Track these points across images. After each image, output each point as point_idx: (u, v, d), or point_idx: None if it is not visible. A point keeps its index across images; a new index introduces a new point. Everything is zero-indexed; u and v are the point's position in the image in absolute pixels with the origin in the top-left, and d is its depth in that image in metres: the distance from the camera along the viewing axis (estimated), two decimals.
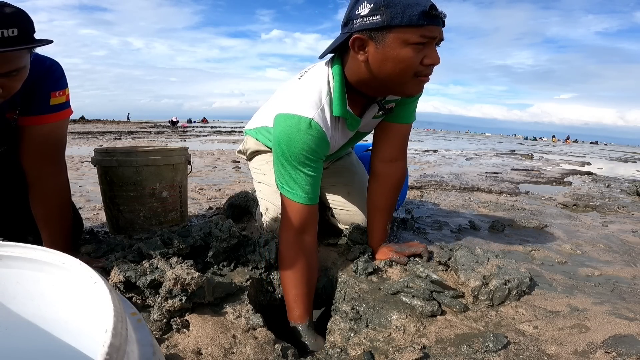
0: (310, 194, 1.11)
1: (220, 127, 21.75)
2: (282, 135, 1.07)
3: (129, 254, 1.20)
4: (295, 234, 1.12)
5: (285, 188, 1.11)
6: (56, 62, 1.19)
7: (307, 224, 1.13)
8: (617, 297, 1.17)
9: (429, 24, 0.97)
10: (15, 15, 0.90)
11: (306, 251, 1.13)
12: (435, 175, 4.29)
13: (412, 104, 1.29)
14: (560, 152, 11.74)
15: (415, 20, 0.96)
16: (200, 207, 2.36)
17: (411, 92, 1.08)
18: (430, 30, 0.98)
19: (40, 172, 1.21)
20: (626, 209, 2.66)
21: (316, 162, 1.11)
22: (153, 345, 0.43)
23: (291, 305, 1.10)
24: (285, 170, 1.09)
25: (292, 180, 1.09)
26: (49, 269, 0.49)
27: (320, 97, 1.10)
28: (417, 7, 0.96)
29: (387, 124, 1.30)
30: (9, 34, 0.88)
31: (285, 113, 1.08)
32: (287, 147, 1.07)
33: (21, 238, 1.27)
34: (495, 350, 0.88)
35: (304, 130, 1.06)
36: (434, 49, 1.01)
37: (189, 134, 13.42)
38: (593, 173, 5.38)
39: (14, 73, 0.96)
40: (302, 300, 1.10)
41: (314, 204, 1.13)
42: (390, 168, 1.33)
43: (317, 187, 1.14)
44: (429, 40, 0.99)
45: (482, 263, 1.19)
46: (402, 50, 0.99)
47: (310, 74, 1.17)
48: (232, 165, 4.67)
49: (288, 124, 1.07)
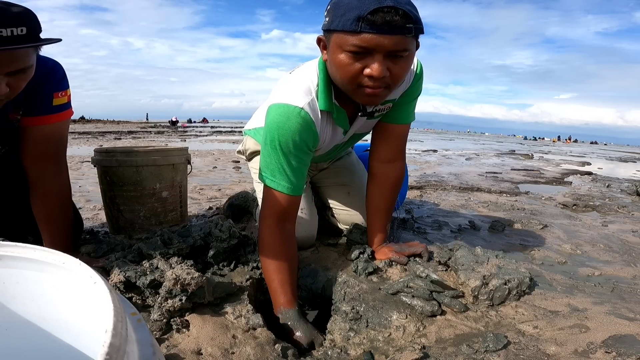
0: (296, 184, 1.10)
1: (220, 127, 21.76)
2: (272, 124, 1.07)
3: (129, 254, 1.20)
4: (278, 222, 1.11)
5: (269, 178, 1.09)
6: (58, 63, 1.19)
7: (289, 212, 1.12)
8: (617, 297, 1.17)
9: (367, 32, 0.88)
10: (24, 14, 0.91)
11: (288, 238, 1.13)
12: (435, 175, 4.29)
13: (410, 104, 1.27)
14: (560, 152, 11.74)
15: (348, 26, 0.88)
16: (200, 207, 2.36)
17: (361, 101, 1.04)
18: (364, 39, 0.89)
19: (41, 172, 1.22)
20: (626, 209, 2.66)
21: (304, 153, 1.10)
22: (153, 345, 0.43)
23: (277, 291, 1.07)
24: (272, 159, 1.08)
25: (278, 170, 1.08)
26: (49, 269, 0.49)
27: (310, 88, 1.09)
28: (355, 11, 0.87)
29: (384, 124, 1.29)
30: (18, 33, 0.88)
31: (276, 103, 1.09)
32: (277, 135, 1.06)
33: (21, 238, 1.27)
34: (495, 350, 0.88)
35: (294, 119, 1.05)
36: (377, 58, 0.91)
37: (189, 134, 13.43)
38: (593, 173, 5.38)
39: (21, 72, 0.96)
40: (288, 285, 1.07)
41: (298, 195, 1.12)
42: (388, 168, 1.33)
43: (303, 179, 1.13)
44: (362, 49, 0.90)
45: (482, 263, 1.19)
46: (339, 56, 0.94)
47: (301, 69, 1.17)
48: (232, 165, 4.67)
49: (279, 113, 1.07)
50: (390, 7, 0.85)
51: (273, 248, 1.10)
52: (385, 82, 0.97)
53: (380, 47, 0.89)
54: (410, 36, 0.90)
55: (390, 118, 1.27)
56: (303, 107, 1.06)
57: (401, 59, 0.94)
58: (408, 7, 0.88)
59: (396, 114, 1.26)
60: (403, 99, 1.24)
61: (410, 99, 1.25)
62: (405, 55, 0.94)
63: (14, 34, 0.88)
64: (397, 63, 0.94)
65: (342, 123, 1.19)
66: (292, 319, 1.03)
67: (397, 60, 0.94)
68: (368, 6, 0.85)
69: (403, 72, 0.98)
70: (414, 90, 1.24)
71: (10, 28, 0.87)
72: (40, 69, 1.09)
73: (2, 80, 0.93)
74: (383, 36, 0.88)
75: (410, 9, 0.88)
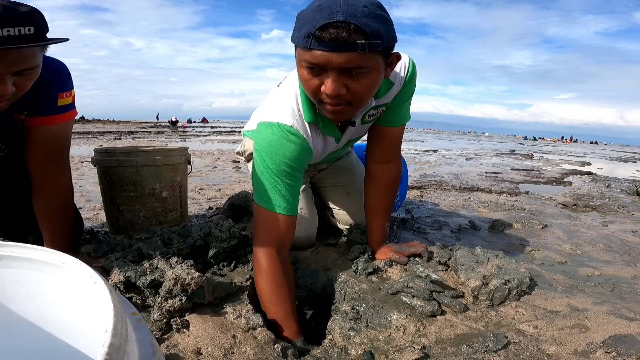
0: (291, 203, 1.07)
1: (220, 127, 21.76)
2: (262, 143, 1.05)
3: (129, 254, 1.20)
4: (277, 248, 1.07)
5: (264, 200, 1.06)
6: (63, 64, 1.19)
7: (287, 235, 1.08)
8: (617, 297, 1.17)
9: (316, 49, 0.83)
10: (31, 14, 0.91)
11: (287, 266, 1.09)
12: (435, 175, 4.29)
13: (402, 107, 1.23)
14: (560, 152, 11.74)
15: (301, 42, 0.85)
16: (200, 207, 2.36)
17: (327, 116, 1.00)
18: (314, 55, 0.84)
19: (44, 172, 1.22)
20: (626, 209, 2.66)
21: (297, 171, 1.08)
22: (153, 345, 0.43)
23: (284, 322, 1.02)
24: (266, 180, 1.05)
25: (273, 190, 1.05)
26: (49, 269, 0.49)
27: (297, 103, 1.07)
28: (307, 26, 0.83)
29: (378, 127, 1.28)
30: (26, 32, 0.88)
31: (265, 121, 1.07)
32: (268, 156, 1.04)
33: (22, 238, 1.27)
34: (495, 350, 0.88)
35: (285, 138, 1.04)
36: (330, 75, 0.87)
37: (189, 134, 13.43)
38: (593, 173, 5.38)
39: (28, 71, 0.96)
40: (293, 316, 1.04)
41: (294, 215, 1.09)
42: (384, 169, 1.32)
43: (297, 197, 1.10)
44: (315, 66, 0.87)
45: (482, 263, 1.19)
46: (301, 70, 0.92)
47: (287, 81, 1.15)
48: (232, 165, 4.67)
49: (269, 132, 1.05)
50: (340, 22, 0.79)
51: (275, 277, 1.04)
52: (345, 99, 0.92)
53: (330, 64, 0.85)
54: (364, 53, 0.83)
55: (384, 121, 1.26)
56: (292, 124, 1.05)
57: (359, 76, 0.88)
58: (365, 20, 0.81)
59: (390, 117, 1.24)
60: (395, 101, 1.21)
61: (403, 101, 1.22)
62: (364, 71, 0.87)
63: (21, 33, 0.88)
64: (356, 80, 0.89)
65: (330, 132, 1.16)
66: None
67: (355, 77, 0.88)
68: (318, 21, 0.81)
69: (365, 90, 0.91)
70: (404, 93, 1.20)
71: (18, 27, 0.87)
72: (45, 69, 1.09)
73: (9, 80, 0.93)
74: (331, 53, 0.83)
75: (367, 22, 0.81)
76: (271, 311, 1.04)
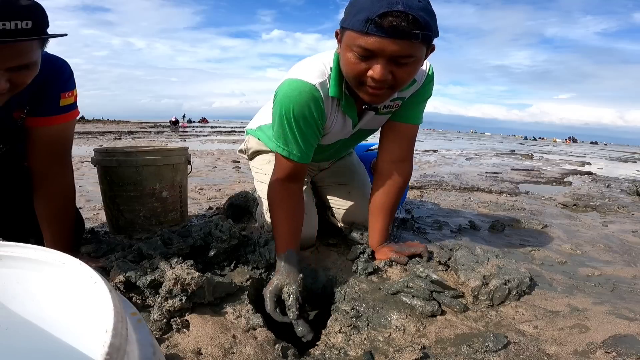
0: (304, 153, 1.16)
1: (220, 127, 21.76)
2: (284, 97, 1.11)
3: (129, 254, 1.20)
4: (284, 182, 1.20)
5: (281, 146, 1.16)
6: (66, 62, 1.16)
7: (296, 175, 1.21)
8: (617, 297, 1.17)
9: (373, 34, 0.89)
10: (31, 7, 0.86)
11: (292, 194, 1.23)
12: (435, 175, 4.29)
13: (419, 105, 1.28)
14: (560, 152, 11.74)
15: (357, 26, 0.90)
16: (200, 207, 2.36)
17: (363, 97, 1.05)
18: (369, 41, 0.90)
19: (47, 173, 1.20)
20: (626, 209, 2.66)
21: (313, 127, 1.14)
22: (153, 345, 0.43)
23: (282, 236, 1.18)
24: (283, 130, 1.13)
25: (290, 139, 1.13)
26: (49, 269, 0.49)
27: (324, 72, 1.12)
28: (366, 12, 0.87)
29: (394, 123, 1.30)
30: (23, 26, 0.84)
31: (290, 78, 1.12)
32: (288, 108, 1.10)
33: (23, 239, 1.26)
34: (495, 350, 0.88)
35: (305, 93, 1.09)
36: (380, 62, 0.93)
37: (189, 134, 13.43)
38: (593, 173, 5.38)
39: (24, 68, 0.92)
40: (293, 232, 1.19)
41: (306, 162, 1.19)
42: (396, 168, 1.32)
43: (312, 149, 1.19)
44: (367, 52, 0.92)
45: (482, 263, 1.19)
46: (347, 54, 0.97)
47: (318, 54, 1.20)
48: (232, 165, 4.67)
49: (292, 87, 1.10)
50: (400, 11, 0.85)
51: (278, 203, 1.20)
52: (388, 83, 0.98)
53: (384, 51, 0.91)
54: (416, 42, 0.90)
55: (399, 117, 1.28)
56: (316, 84, 1.09)
57: (406, 64, 0.95)
58: (420, 12, 0.87)
59: (405, 112, 1.27)
60: (413, 98, 1.25)
61: (421, 100, 1.27)
62: (411, 61, 0.94)
63: (18, 27, 0.83)
64: (401, 67, 0.95)
65: (350, 112, 1.20)
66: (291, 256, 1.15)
67: (401, 65, 0.95)
68: (378, 9, 0.86)
69: (407, 77, 1.00)
70: (424, 91, 1.25)
71: (15, 21, 0.82)
72: (48, 67, 1.06)
73: (2, 76, 0.88)
74: (388, 40, 0.89)
75: (422, 14, 0.87)
76: (277, 228, 1.20)
